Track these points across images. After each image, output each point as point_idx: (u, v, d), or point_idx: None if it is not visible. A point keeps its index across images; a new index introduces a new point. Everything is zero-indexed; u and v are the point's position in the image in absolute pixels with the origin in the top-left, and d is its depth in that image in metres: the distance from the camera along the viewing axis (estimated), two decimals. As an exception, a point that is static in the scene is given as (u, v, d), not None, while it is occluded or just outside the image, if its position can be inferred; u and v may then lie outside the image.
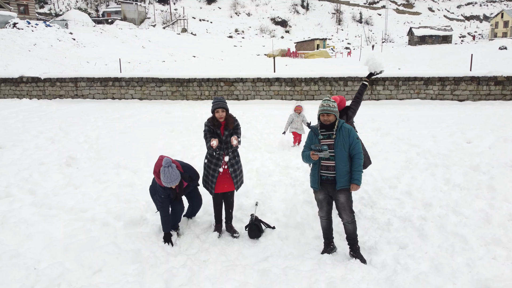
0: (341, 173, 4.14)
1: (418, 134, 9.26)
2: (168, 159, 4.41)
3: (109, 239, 4.69)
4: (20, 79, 17.51)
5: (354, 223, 4.34)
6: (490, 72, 14.45)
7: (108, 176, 6.98)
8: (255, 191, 6.35)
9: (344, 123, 4.23)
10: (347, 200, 4.24)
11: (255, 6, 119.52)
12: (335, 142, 4.13)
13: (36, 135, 10.03)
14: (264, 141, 9.33)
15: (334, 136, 4.13)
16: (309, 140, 4.32)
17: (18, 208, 5.52)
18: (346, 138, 4.13)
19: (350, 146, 4.15)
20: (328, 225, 4.49)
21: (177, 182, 4.44)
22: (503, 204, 5.47)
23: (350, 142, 4.14)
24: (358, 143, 4.17)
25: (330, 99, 4.17)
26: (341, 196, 4.22)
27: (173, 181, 4.38)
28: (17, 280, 3.84)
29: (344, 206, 4.25)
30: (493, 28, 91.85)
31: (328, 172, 4.20)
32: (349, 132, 4.16)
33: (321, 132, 4.21)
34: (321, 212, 4.46)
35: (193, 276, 4.04)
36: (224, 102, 4.67)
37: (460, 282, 3.85)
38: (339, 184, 4.15)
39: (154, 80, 16.56)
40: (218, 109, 4.60)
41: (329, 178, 4.22)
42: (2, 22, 42.71)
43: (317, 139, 4.22)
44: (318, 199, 4.41)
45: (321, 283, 3.85)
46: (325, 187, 4.28)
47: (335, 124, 4.16)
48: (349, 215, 4.28)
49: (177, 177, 4.41)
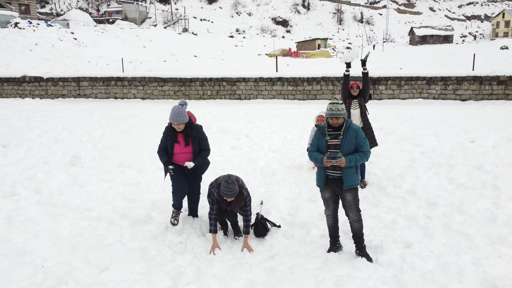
0: (347, 173, 4.14)
1: (421, 134, 9.27)
2: (185, 101, 4.67)
3: (115, 237, 4.71)
4: (23, 79, 17.54)
5: (360, 221, 4.35)
6: (492, 71, 14.44)
7: (113, 175, 7.00)
8: (259, 190, 6.36)
9: (352, 123, 4.21)
10: (354, 199, 4.25)
11: (256, 5, 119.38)
12: (342, 143, 4.12)
13: (39, 135, 10.05)
14: (268, 140, 9.33)
15: (341, 137, 4.13)
16: (315, 139, 4.31)
17: (24, 207, 5.54)
18: (353, 139, 4.12)
19: (357, 146, 4.15)
20: (334, 223, 4.50)
21: (178, 122, 4.57)
22: (507, 203, 5.48)
23: (358, 142, 4.14)
24: (366, 143, 4.17)
25: (338, 101, 4.09)
26: (348, 195, 4.23)
27: (176, 119, 4.53)
28: (25, 278, 3.86)
29: (351, 204, 4.26)
30: (494, 28, 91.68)
31: (335, 171, 4.20)
32: (356, 133, 4.14)
33: (328, 132, 4.20)
34: (327, 211, 4.47)
35: (200, 274, 4.06)
36: (231, 192, 4.43)
37: (466, 280, 3.86)
38: (346, 184, 4.15)
39: (156, 79, 16.58)
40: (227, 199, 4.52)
41: (335, 177, 4.23)
42: (4, 21, 42.77)
43: (324, 139, 4.20)
44: (325, 198, 4.42)
45: (328, 282, 3.87)
46: (331, 186, 4.29)
47: (343, 124, 4.15)
48: (355, 214, 4.30)
49: (184, 117, 4.56)
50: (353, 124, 4.21)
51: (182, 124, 4.66)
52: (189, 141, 4.78)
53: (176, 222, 5.04)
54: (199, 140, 4.86)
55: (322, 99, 15.45)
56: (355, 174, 4.18)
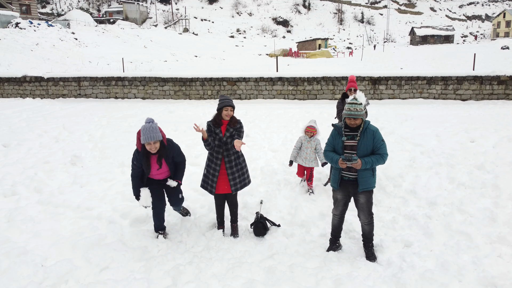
0: (363, 175, 4.07)
1: (421, 134, 9.26)
2: (151, 118, 4.31)
3: (115, 236, 4.72)
4: (24, 79, 17.56)
5: (371, 224, 4.33)
6: (493, 71, 14.43)
7: (113, 174, 7.01)
8: (259, 189, 6.37)
9: (370, 124, 4.10)
10: (367, 202, 4.21)
11: (257, 6, 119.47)
12: (358, 144, 4.03)
13: (40, 134, 10.07)
14: (268, 140, 9.34)
15: (358, 138, 4.03)
16: (332, 138, 4.23)
17: (24, 206, 5.56)
18: (371, 141, 4.03)
19: (374, 148, 4.04)
20: (339, 223, 4.49)
21: (154, 140, 4.20)
22: (508, 202, 5.48)
23: (375, 144, 4.04)
24: (383, 145, 4.06)
25: (357, 101, 3.95)
26: (361, 197, 4.19)
27: (150, 137, 4.16)
28: (26, 277, 3.87)
29: (363, 207, 4.24)
30: (495, 28, 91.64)
31: (350, 173, 4.15)
32: (374, 134, 4.03)
33: (345, 132, 4.11)
34: (335, 210, 4.46)
35: (200, 273, 4.06)
36: (232, 101, 4.63)
37: (466, 279, 3.86)
38: (361, 186, 4.09)
39: (157, 79, 16.59)
40: (227, 107, 4.54)
41: (350, 179, 4.18)
42: (5, 22, 42.84)
43: (340, 140, 4.12)
44: (336, 198, 4.39)
45: (327, 281, 3.87)
46: (346, 187, 4.24)
47: (361, 125, 4.05)
48: (367, 217, 4.28)
49: (156, 134, 4.20)
50: (371, 126, 4.09)
51: (157, 142, 4.30)
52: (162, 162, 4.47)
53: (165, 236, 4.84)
54: (173, 157, 4.58)
55: (322, 99, 15.46)
56: (371, 176, 4.11)
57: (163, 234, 4.82)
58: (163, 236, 4.78)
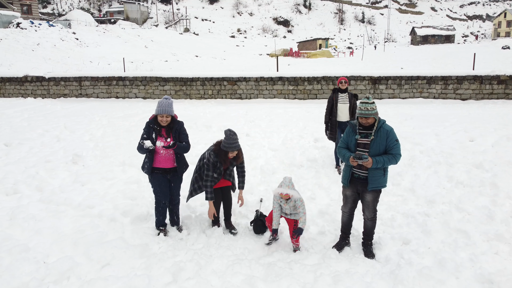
0: (374, 174, 4.09)
1: (421, 133, 9.30)
2: (168, 96, 4.72)
3: (116, 234, 4.77)
4: (25, 78, 17.62)
5: (373, 221, 4.39)
6: (493, 71, 14.45)
7: (114, 173, 7.06)
8: (259, 188, 6.42)
9: (385, 123, 4.10)
10: (374, 200, 4.26)
11: (258, 6, 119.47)
12: (371, 143, 4.05)
13: (41, 134, 10.12)
14: (268, 139, 9.38)
15: (372, 137, 4.06)
16: (346, 135, 4.27)
17: (26, 204, 5.60)
18: (384, 141, 4.04)
19: (387, 147, 4.06)
20: (348, 220, 4.54)
21: (167, 113, 4.56)
22: (506, 201, 5.52)
23: (388, 144, 4.04)
24: (397, 145, 4.06)
25: (369, 100, 3.98)
26: (369, 196, 4.23)
27: (165, 110, 4.53)
28: (28, 273, 3.92)
29: (369, 204, 4.29)
30: (496, 27, 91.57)
31: (361, 171, 4.18)
32: (388, 134, 4.04)
33: (359, 130, 4.14)
34: (344, 208, 4.51)
35: (200, 269, 4.11)
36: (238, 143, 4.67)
37: (463, 276, 3.90)
38: (370, 185, 4.12)
39: (157, 79, 16.64)
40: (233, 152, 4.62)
41: (360, 176, 4.21)
42: (6, 22, 42.93)
43: (354, 137, 4.15)
44: (345, 195, 4.44)
45: (326, 277, 3.91)
46: (355, 184, 4.27)
47: (375, 124, 4.07)
48: (371, 213, 4.34)
49: (170, 109, 4.57)
50: (386, 125, 4.09)
51: (169, 117, 4.63)
52: (170, 134, 4.70)
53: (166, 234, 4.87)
54: (179, 133, 4.78)
55: (322, 99, 15.48)
56: (382, 176, 4.13)
57: (164, 232, 4.87)
58: (164, 234, 4.83)
